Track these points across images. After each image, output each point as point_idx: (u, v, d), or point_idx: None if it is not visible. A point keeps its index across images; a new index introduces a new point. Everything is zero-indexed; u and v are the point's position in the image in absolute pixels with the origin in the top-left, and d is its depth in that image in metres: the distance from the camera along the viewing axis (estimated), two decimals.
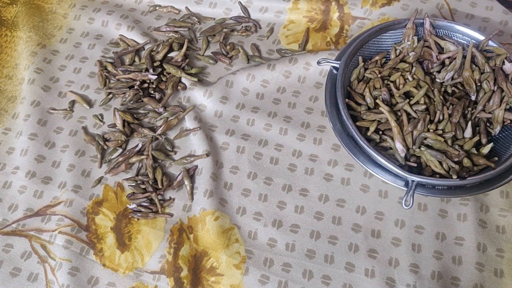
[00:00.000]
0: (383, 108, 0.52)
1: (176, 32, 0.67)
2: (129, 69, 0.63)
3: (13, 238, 0.54)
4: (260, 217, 0.54)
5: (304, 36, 0.66)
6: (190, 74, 0.63)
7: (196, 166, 0.57)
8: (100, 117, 0.61)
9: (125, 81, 0.63)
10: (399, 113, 0.53)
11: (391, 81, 0.55)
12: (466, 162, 0.50)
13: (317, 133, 0.59)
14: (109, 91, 0.63)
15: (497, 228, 0.52)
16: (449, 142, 0.51)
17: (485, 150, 0.51)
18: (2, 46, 0.68)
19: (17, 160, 0.59)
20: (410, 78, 0.55)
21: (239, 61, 0.65)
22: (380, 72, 0.56)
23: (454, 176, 0.49)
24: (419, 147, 0.51)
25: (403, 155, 0.51)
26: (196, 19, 0.69)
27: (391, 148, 0.52)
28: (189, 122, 0.60)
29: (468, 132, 0.52)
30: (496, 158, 0.51)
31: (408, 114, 0.52)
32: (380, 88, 0.55)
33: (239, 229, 0.54)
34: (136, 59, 0.66)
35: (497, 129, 0.53)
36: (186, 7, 0.70)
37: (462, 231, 0.52)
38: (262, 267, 0.51)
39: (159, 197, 0.56)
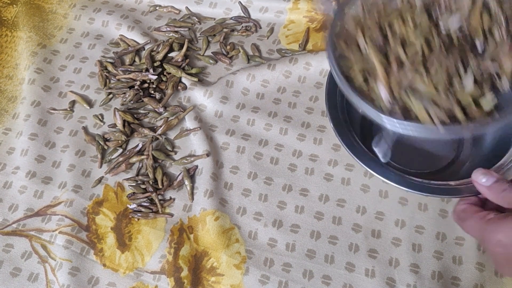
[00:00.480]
0: (365, 44, 0.46)
1: (176, 32, 0.67)
2: (129, 69, 0.63)
3: (13, 238, 0.54)
4: (260, 217, 0.54)
5: (304, 36, 0.66)
6: (190, 74, 0.63)
7: (196, 166, 0.57)
8: (100, 117, 0.61)
9: (125, 81, 0.63)
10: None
11: (389, 26, 0.49)
12: (458, 113, 0.44)
13: (318, 133, 0.59)
14: (109, 91, 0.63)
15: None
16: (441, 88, 0.45)
17: (485, 103, 0.45)
18: (3, 46, 0.68)
19: (17, 160, 0.59)
20: (411, 23, 0.48)
21: (239, 61, 0.65)
22: (380, 15, 0.49)
23: (437, 121, 0.43)
24: (405, 92, 0.45)
25: (385, 98, 0.45)
26: (196, 19, 0.69)
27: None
28: (189, 122, 0.60)
29: (468, 82, 0.45)
30: (497, 115, 0.45)
31: (400, 59, 0.47)
32: (374, 31, 0.48)
33: (239, 229, 0.54)
34: (136, 59, 0.66)
35: (505, 82, 0.46)
36: (186, 7, 0.70)
37: (463, 231, 0.52)
38: (262, 267, 0.51)
39: (159, 197, 0.56)
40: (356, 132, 0.50)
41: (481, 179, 0.43)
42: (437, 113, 0.44)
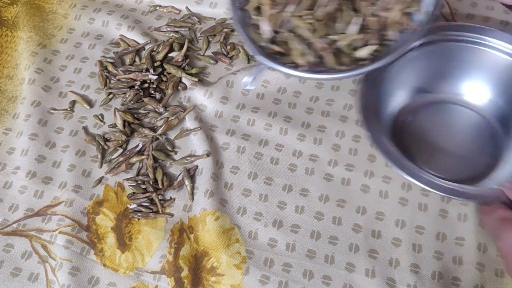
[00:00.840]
0: None
1: (176, 32, 0.67)
2: (129, 69, 0.63)
3: (13, 238, 0.54)
4: (260, 217, 0.54)
5: None
6: (191, 74, 0.63)
7: (197, 166, 0.57)
8: (100, 117, 0.61)
9: (126, 81, 0.63)
10: None
11: None
12: (329, 59, 0.46)
13: (318, 133, 0.58)
14: (109, 91, 0.63)
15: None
16: (320, 32, 0.46)
17: (361, 52, 0.46)
18: (3, 46, 0.68)
19: (17, 160, 0.59)
20: None
21: (240, 61, 0.65)
22: None
23: (304, 67, 0.45)
24: (289, 32, 0.47)
25: (265, 32, 0.47)
26: (197, 19, 0.69)
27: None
28: (189, 122, 0.60)
29: (353, 29, 0.46)
30: (366, 62, 0.47)
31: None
32: None
33: (239, 229, 0.54)
34: (137, 59, 0.66)
35: (391, 33, 0.47)
36: (187, 7, 0.70)
37: (463, 231, 0.52)
38: (262, 267, 0.51)
39: (160, 197, 0.56)
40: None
41: (508, 184, 0.45)
42: (311, 57, 0.45)
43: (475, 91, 0.58)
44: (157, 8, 0.70)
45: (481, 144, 0.57)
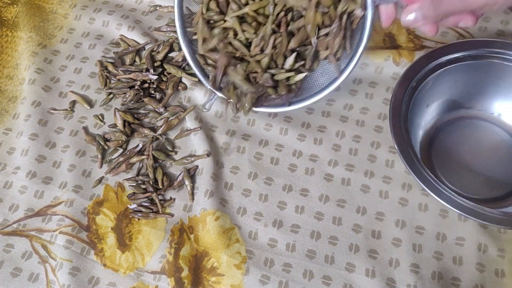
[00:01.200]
0: (200, 28, 0.54)
1: (176, 32, 0.67)
2: (129, 69, 0.63)
3: (13, 238, 0.54)
4: (260, 217, 0.54)
5: None
6: (191, 74, 0.63)
7: (197, 166, 0.57)
8: (100, 117, 0.61)
9: (126, 81, 0.63)
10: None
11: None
12: (270, 91, 0.52)
13: (318, 133, 0.59)
14: (109, 91, 0.63)
15: (498, 228, 0.52)
16: (262, 76, 0.52)
17: (294, 79, 0.53)
18: (3, 46, 0.68)
19: (17, 160, 0.59)
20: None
21: None
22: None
23: (248, 105, 0.53)
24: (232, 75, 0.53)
25: (218, 78, 0.53)
26: None
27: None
28: (189, 122, 0.60)
29: (289, 63, 0.52)
30: (293, 94, 0.54)
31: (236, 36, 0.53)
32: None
33: (239, 229, 0.54)
34: (137, 59, 0.66)
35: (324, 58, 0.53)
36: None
37: (463, 231, 0.52)
38: (262, 267, 0.51)
39: (160, 197, 0.56)
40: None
41: None
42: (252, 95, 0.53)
43: (509, 111, 0.58)
44: (157, 8, 0.70)
45: (508, 166, 0.56)
